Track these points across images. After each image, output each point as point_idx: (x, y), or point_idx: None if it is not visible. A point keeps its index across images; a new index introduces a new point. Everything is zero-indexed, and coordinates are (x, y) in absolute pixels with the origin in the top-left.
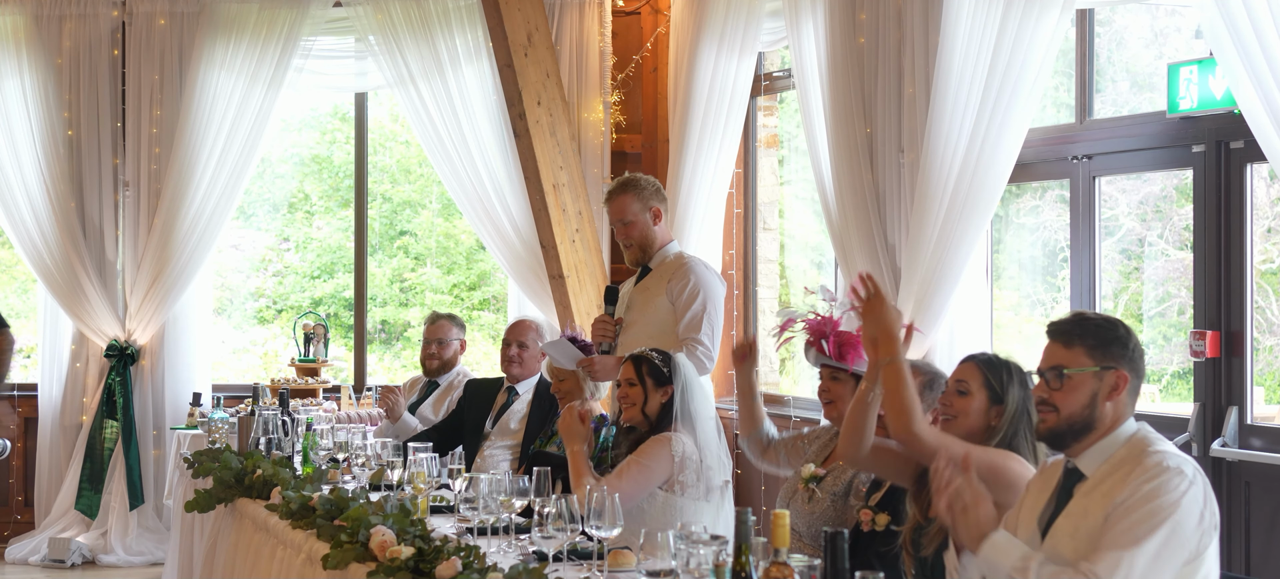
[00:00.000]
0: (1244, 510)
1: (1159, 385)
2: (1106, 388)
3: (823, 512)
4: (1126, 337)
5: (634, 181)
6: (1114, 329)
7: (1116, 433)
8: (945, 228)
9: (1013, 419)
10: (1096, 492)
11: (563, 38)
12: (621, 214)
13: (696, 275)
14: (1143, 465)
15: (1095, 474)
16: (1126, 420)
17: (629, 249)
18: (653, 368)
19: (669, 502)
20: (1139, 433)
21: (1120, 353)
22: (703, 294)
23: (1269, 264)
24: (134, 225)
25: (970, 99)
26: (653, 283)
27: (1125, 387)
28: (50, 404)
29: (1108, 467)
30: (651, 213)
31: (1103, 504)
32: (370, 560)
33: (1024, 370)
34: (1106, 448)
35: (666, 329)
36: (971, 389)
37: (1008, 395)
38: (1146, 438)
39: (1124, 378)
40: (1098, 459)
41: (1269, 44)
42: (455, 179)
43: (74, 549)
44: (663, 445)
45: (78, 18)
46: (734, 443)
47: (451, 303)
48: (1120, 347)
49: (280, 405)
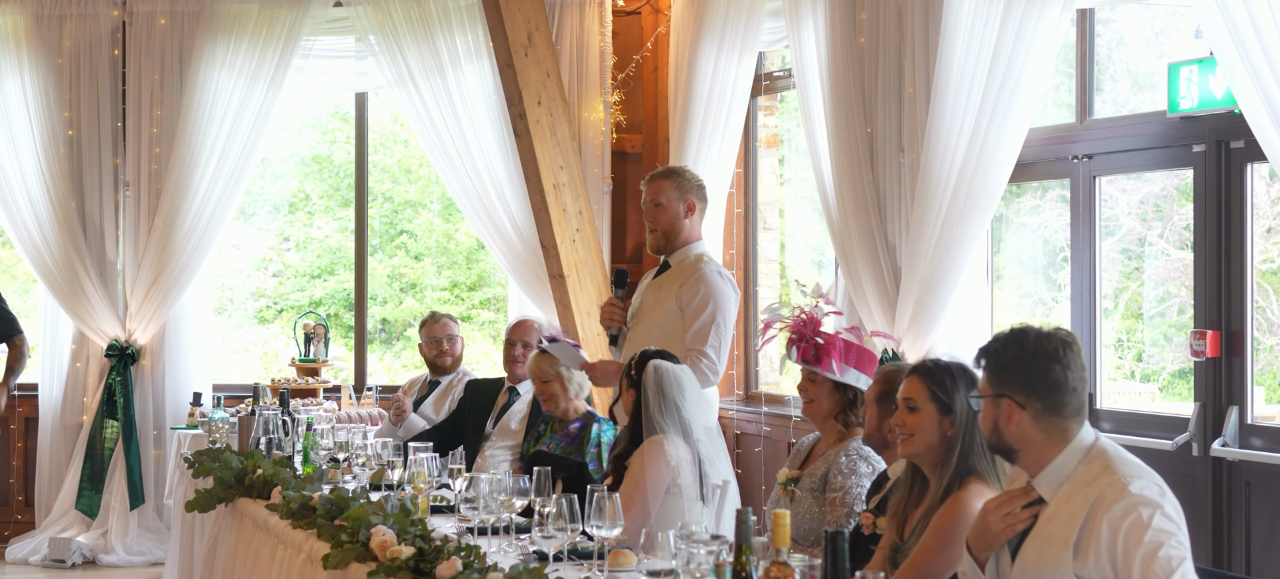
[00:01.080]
0: (1244, 510)
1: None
2: (1004, 416)
3: (806, 510)
4: (1018, 360)
5: (678, 170)
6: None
7: (1065, 453)
8: (945, 227)
9: (967, 426)
10: (1059, 517)
11: (563, 37)
12: (656, 195)
13: (708, 284)
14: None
15: (1055, 500)
16: (1071, 439)
17: (653, 233)
18: (627, 372)
19: (668, 503)
20: (1094, 451)
21: (1009, 378)
22: (713, 304)
23: (1269, 264)
24: (134, 225)
25: (970, 99)
26: (667, 282)
27: (1021, 411)
28: (50, 404)
29: (1067, 488)
30: (686, 205)
31: (1066, 530)
32: (370, 560)
33: (969, 370)
34: (1060, 468)
35: (671, 332)
36: (919, 404)
37: (955, 403)
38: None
39: (1011, 405)
40: (1054, 481)
41: (1269, 43)
42: (455, 179)
43: (74, 549)
44: (656, 454)
45: (78, 17)
46: (735, 444)
47: (452, 302)
48: (1009, 371)
49: (280, 405)
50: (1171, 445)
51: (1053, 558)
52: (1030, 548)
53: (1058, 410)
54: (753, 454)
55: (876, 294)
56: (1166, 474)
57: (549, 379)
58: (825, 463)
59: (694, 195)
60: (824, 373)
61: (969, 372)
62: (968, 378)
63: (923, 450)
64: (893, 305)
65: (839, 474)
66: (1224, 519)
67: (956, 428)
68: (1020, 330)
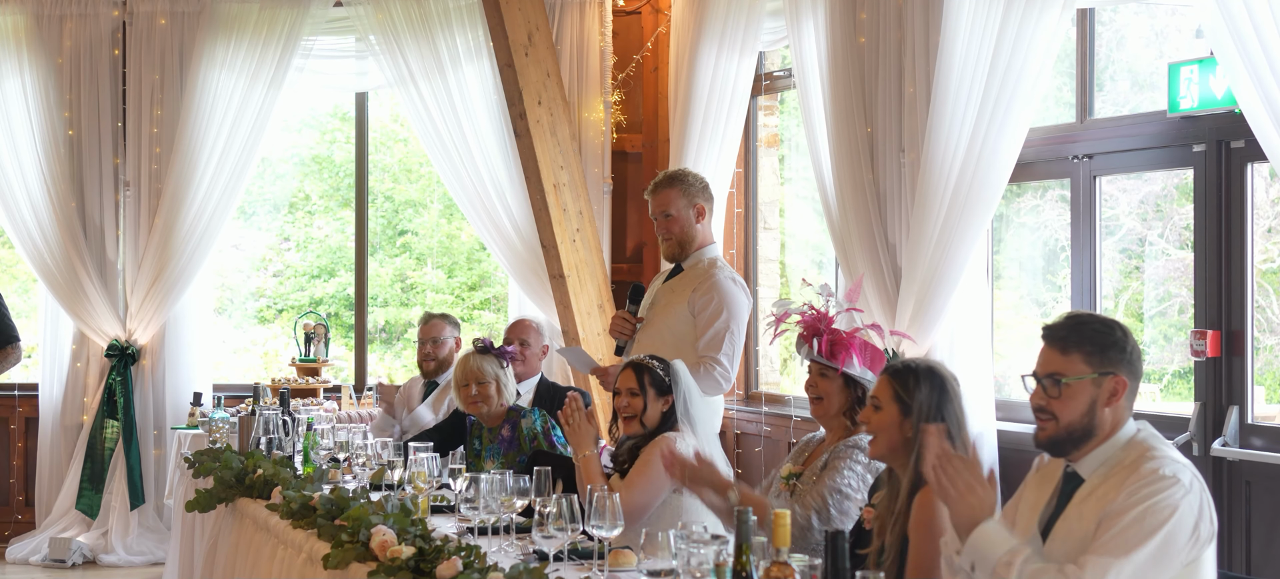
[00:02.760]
0: (1244, 510)
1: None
2: (1105, 394)
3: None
4: (1124, 339)
5: (681, 175)
6: (1111, 333)
7: (1115, 437)
8: (946, 227)
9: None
10: (1093, 497)
11: (563, 37)
12: (665, 206)
13: (721, 291)
14: (1139, 472)
15: (1092, 479)
16: (1125, 423)
17: (666, 243)
18: (655, 377)
19: (671, 501)
20: (1139, 435)
21: (1118, 357)
22: (726, 312)
23: (1269, 263)
24: (134, 225)
25: (971, 98)
26: (679, 286)
27: (1124, 391)
28: (51, 404)
29: (1104, 470)
30: (696, 210)
31: (1097, 509)
32: (371, 560)
33: (937, 372)
34: (1105, 452)
35: (683, 338)
36: (883, 404)
37: (914, 404)
38: (1146, 441)
39: (1123, 383)
40: (1095, 464)
41: (1269, 43)
42: (456, 178)
43: (75, 549)
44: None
45: (78, 17)
46: (735, 444)
47: (452, 303)
48: (1118, 351)
49: (281, 405)
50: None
51: (1084, 531)
52: (1062, 527)
53: (1135, 394)
54: (753, 454)
55: (877, 294)
56: None
57: (486, 381)
58: (826, 452)
59: (701, 198)
60: (842, 368)
61: (935, 373)
62: (933, 380)
63: (886, 451)
64: (893, 305)
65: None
66: (1224, 519)
67: (914, 429)
68: (1103, 316)
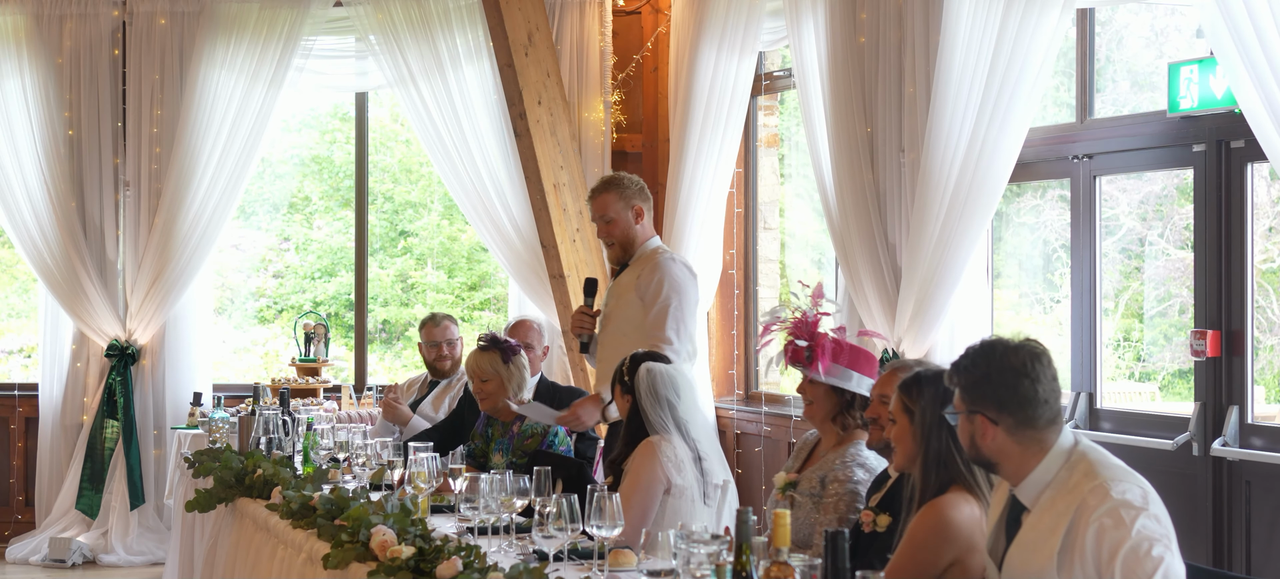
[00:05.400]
0: (1244, 510)
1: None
2: (979, 432)
3: (805, 515)
4: (986, 377)
5: (616, 179)
6: (972, 370)
7: (1045, 462)
8: (946, 227)
9: (929, 437)
10: (1042, 525)
11: (563, 37)
12: (603, 211)
13: (663, 271)
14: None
15: (1037, 507)
16: (1048, 447)
17: (610, 247)
18: (618, 377)
19: (668, 503)
20: (1075, 455)
21: (980, 395)
22: (667, 289)
23: (1269, 263)
24: (134, 225)
25: (971, 98)
26: (626, 278)
27: (995, 427)
28: (51, 404)
29: (1049, 495)
30: (634, 211)
31: (1050, 537)
32: (371, 560)
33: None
34: (1041, 477)
35: (640, 326)
36: (897, 416)
37: (918, 412)
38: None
39: (984, 421)
40: (1035, 489)
41: (1269, 43)
42: (456, 179)
43: (75, 549)
44: (649, 457)
45: (78, 17)
46: (734, 444)
47: (452, 303)
48: (979, 389)
49: (281, 405)
50: (1172, 445)
51: (1039, 566)
52: (1016, 555)
53: (1031, 424)
54: (753, 454)
55: (876, 294)
56: (1166, 474)
57: (488, 378)
58: (823, 468)
59: (639, 199)
60: (811, 375)
61: (939, 381)
62: (936, 388)
63: (905, 461)
64: (893, 305)
65: (835, 482)
66: (1224, 519)
67: (922, 437)
68: (988, 345)
